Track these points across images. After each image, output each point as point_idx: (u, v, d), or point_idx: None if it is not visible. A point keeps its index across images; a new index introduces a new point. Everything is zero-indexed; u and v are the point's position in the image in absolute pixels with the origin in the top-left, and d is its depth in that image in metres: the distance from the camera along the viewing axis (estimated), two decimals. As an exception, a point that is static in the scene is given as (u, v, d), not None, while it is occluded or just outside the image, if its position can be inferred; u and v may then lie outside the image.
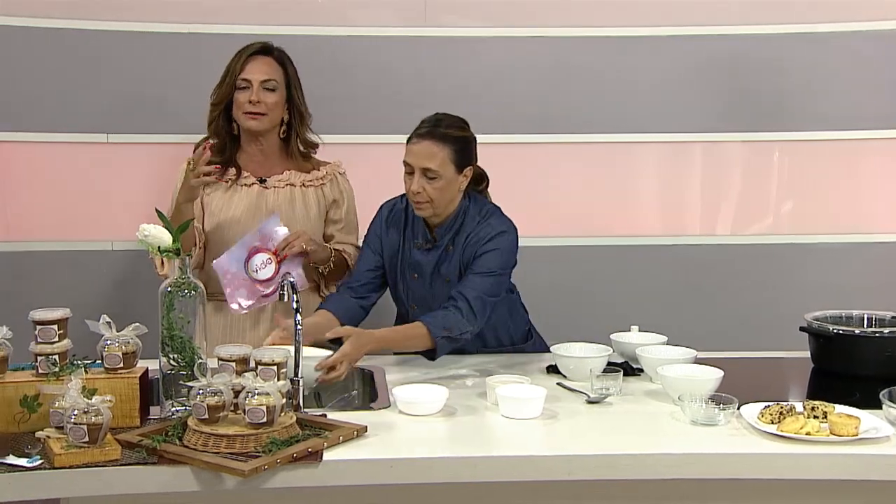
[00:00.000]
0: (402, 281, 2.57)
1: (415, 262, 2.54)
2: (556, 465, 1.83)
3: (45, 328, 1.95)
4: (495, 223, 2.49)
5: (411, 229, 2.56)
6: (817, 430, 1.89)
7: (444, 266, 2.51)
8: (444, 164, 2.40)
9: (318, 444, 1.81)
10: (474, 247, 2.46)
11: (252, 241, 2.53)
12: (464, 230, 2.50)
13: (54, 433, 1.81)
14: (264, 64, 2.60)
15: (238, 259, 2.51)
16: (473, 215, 2.51)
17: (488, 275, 2.43)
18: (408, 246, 2.55)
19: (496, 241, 2.45)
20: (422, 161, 2.40)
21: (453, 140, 2.42)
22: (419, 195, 2.41)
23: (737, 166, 3.45)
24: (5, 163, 3.16)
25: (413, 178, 2.42)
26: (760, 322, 3.37)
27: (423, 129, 2.43)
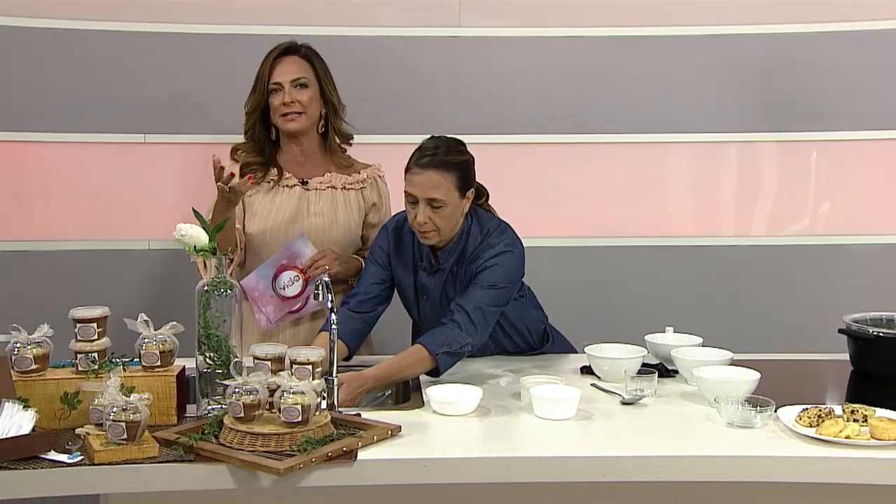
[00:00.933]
0: (416, 303, 2.55)
1: (422, 286, 2.51)
2: (590, 467, 1.82)
3: (84, 326, 1.98)
4: (496, 242, 2.41)
5: (418, 251, 2.50)
6: (857, 434, 1.87)
7: (450, 289, 2.47)
8: (449, 191, 2.33)
9: (353, 444, 1.81)
10: (475, 265, 2.40)
11: (280, 259, 2.57)
12: (467, 251, 2.44)
13: (94, 430, 1.83)
14: (291, 63, 2.61)
15: (266, 277, 2.56)
16: (475, 235, 2.45)
17: (489, 287, 2.36)
18: (416, 268, 2.51)
19: (498, 258, 2.38)
20: (426, 192, 2.32)
21: (455, 166, 2.34)
22: (426, 225, 2.35)
23: (772, 167, 3.41)
24: (45, 164, 3.21)
25: (417, 207, 2.34)
26: (797, 324, 3.33)
27: (424, 158, 2.34)
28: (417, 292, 2.52)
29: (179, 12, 3.22)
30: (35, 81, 3.17)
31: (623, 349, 2.44)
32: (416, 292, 2.52)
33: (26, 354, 1.93)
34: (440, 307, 2.47)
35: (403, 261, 2.52)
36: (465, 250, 2.44)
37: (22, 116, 3.18)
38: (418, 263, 2.50)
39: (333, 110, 2.67)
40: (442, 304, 2.48)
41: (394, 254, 2.53)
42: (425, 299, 2.51)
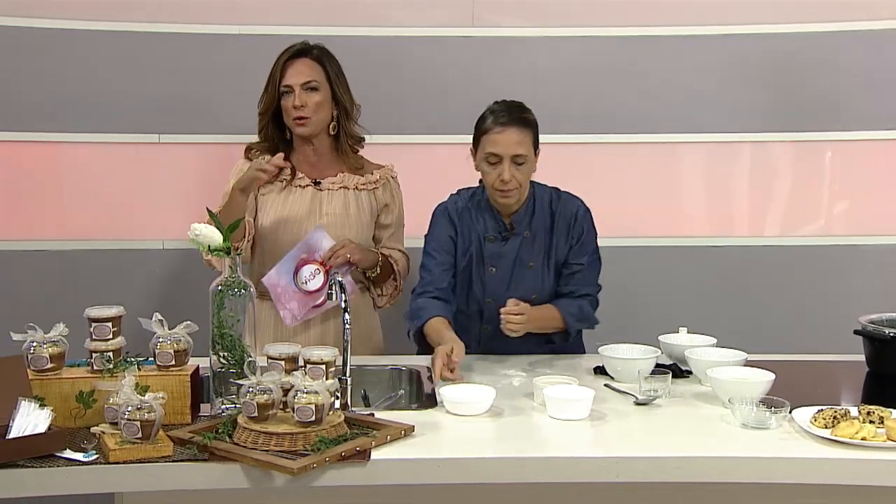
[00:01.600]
0: (477, 279, 2.57)
1: (492, 255, 2.55)
2: (604, 467, 1.82)
3: (100, 325, 1.99)
4: (569, 197, 2.60)
5: (479, 224, 2.56)
6: (873, 436, 1.85)
7: (525, 253, 2.54)
8: (529, 148, 2.46)
9: (366, 444, 1.82)
10: (568, 224, 2.55)
11: (299, 253, 2.56)
12: (539, 213, 2.55)
13: (109, 429, 1.84)
14: (303, 66, 2.61)
15: (287, 272, 2.54)
16: (541, 196, 2.57)
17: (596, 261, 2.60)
18: (474, 241, 2.55)
19: (585, 217, 2.58)
20: (511, 148, 2.42)
21: (531, 123, 2.47)
22: (510, 183, 2.43)
23: (787, 167, 3.40)
24: (60, 164, 3.23)
25: (499, 167, 2.43)
26: (812, 324, 3.32)
27: (503, 116, 2.45)
28: (484, 267, 2.55)
29: (194, 13, 3.23)
30: (50, 82, 3.19)
31: (636, 349, 2.44)
32: (483, 267, 2.55)
33: (42, 353, 1.94)
34: (510, 275, 2.54)
35: (467, 239, 2.57)
36: (536, 212, 2.55)
37: (37, 117, 3.20)
38: (483, 236, 2.55)
39: (345, 113, 2.67)
40: (514, 272, 2.55)
41: (454, 234, 2.58)
42: (493, 271, 2.55)
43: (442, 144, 3.31)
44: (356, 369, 2.35)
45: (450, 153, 3.32)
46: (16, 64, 3.18)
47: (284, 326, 2.63)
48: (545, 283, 2.58)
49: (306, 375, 1.89)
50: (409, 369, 2.48)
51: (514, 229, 2.54)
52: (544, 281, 2.58)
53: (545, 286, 2.58)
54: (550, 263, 2.58)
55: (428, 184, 3.29)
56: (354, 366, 2.28)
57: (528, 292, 2.55)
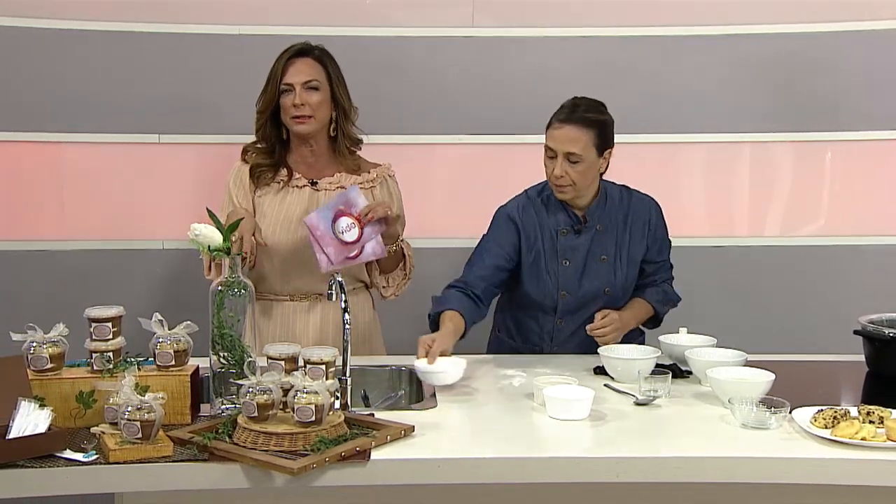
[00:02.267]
0: (549, 272, 2.59)
1: (565, 248, 2.58)
2: (604, 467, 1.82)
3: (100, 325, 1.98)
4: (640, 196, 2.68)
5: (552, 219, 2.59)
6: (873, 436, 1.85)
7: (597, 247, 2.59)
8: (587, 147, 2.47)
9: (366, 444, 1.82)
10: (644, 223, 2.63)
11: (337, 204, 2.53)
12: (611, 208, 2.60)
13: (109, 429, 1.84)
14: (304, 65, 2.61)
15: (326, 219, 2.52)
16: (613, 193, 2.62)
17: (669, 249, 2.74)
18: (546, 236, 2.59)
19: (658, 215, 2.69)
20: (564, 145, 2.46)
21: (593, 123, 2.49)
22: (562, 179, 2.48)
23: (787, 167, 3.40)
24: (60, 164, 3.23)
25: (555, 161, 2.48)
26: (812, 325, 3.32)
27: (563, 113, 2.49)
28: (557, 260, 2.58)
29: (194, 13, 3.23)
30: (50, 82, 3.19)
31: (636, 350, 2.44)
32: (557, 260, 2.58)
33: (42, 353, 1.94)
34: (583, 268, 2.59)
35: (533, 235, 2.59)
36: (607, 207, 2.60)
37: (37, 117, 3.20)
38: (556, 230, 2.58)
39: (344, 114, 2.67)
40: (587, 265, 2.59)
41: (524, 235, 2.60)
42: (567, 264, 2.58)
43: (442, 144, 3.32)
44: (356, 369, 2.36)
45: (450, 153, 3.34)
46: (16, 64, 3.18)
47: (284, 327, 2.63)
48: (617, 277, 2.62)
49: (306, 375, 1.89)
50: (409, 369, 2.48)
51: (586, 222, 2.58)
52: (616, 274, 2.62)
53: (617, 279, 2.62)
54: (623, 257, 2.62)
55: (428, 184, 3.30)
56: (354, 366, 2.28)
57: (600, 285, 2.60)
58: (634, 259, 2.65)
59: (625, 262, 2.63)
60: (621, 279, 2.63)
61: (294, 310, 2.65)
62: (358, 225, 2.51)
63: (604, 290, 2.62)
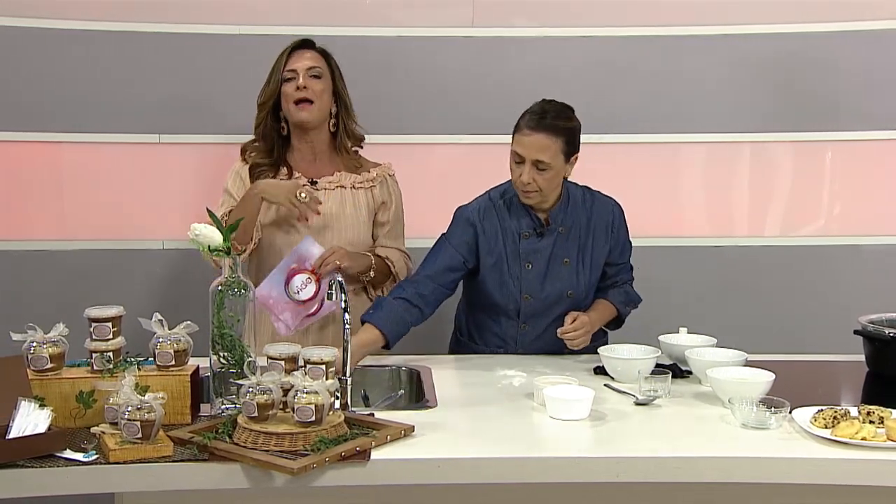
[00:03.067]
0: (512, 275, 2.57)
1: (528, 252, 2.56)
2: (604, 467, 1.82)
3: (100, 325, 1.99)
4: (602, 198, 2.66)
5: (514, 222, 2.56)
6: (873, 436, 1.86)
7: (559, 250, 2.57)
8: (555, 155, 2.45)
9: (367, 444, 1.82)
10: (606, 225, 2.62)
11: (289, 263, 2.54)
12: (574, 211, 2.58)
13: (109, 429, 1.84)
14: (307, 55, 2.64)
15: (278, 283, 2.53)
16: (575, 195, 2.61)
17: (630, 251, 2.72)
18: (508, 239, 2.56)
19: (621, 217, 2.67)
20: (533, 153, 2.43)
21: (564, 131, 2.46)
22: (529, 185, 2.46)
23: (787, 167, 3.40)
24: (60, 164, 3.23)
25: (523, 167, 2.46)
26: (812, 325, 3.31)
27: (533, 120, 2.44)
28: (520, 263, 2.56)
29: (194, 13, 3.23)
30: (50, 82, 3.19)
31: (636, 349, 2.44)
32: (519, 263, 2.56)
33: (42, 353, 1.94)
34: (546, 271, 2.57)
35: (493, 238, 2.56)
36: (570, 210, 2.58)
37: (37, 117, 3.20)
38: (518, 233, 2.56)
39: (345, 109, 2.68)
40: (549, 268, 2.58)
41: (483, 237, 2.56)
42: (529, 268, 2.56)
43: (441, 144, 3.31)
44: (356, 369, 2.36)
45: (450, 153, 3.34)
46: (16, 64, 3.18)
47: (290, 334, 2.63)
48: (580, 280, 2.61)
49: (306, 375, 1.89)
50: (409, 369, 2.48)
51: (549, 225, 2.57)
52: (579, 276, 2.61)
53: (580, 282, 2.61)
54: (585, 260, 2.61)
55: (428, 184, 3.30)
56: (354, 366, 2.28)
57: (563, 288, 2.59)
58: (598, 262, 2.63)
59: (587, 264, 2.61)
60: (584, 282, 2.61)
61: (293, 309, 2.65)
62: (314, 279, 2.51)
63: (566, 294, 2.59)
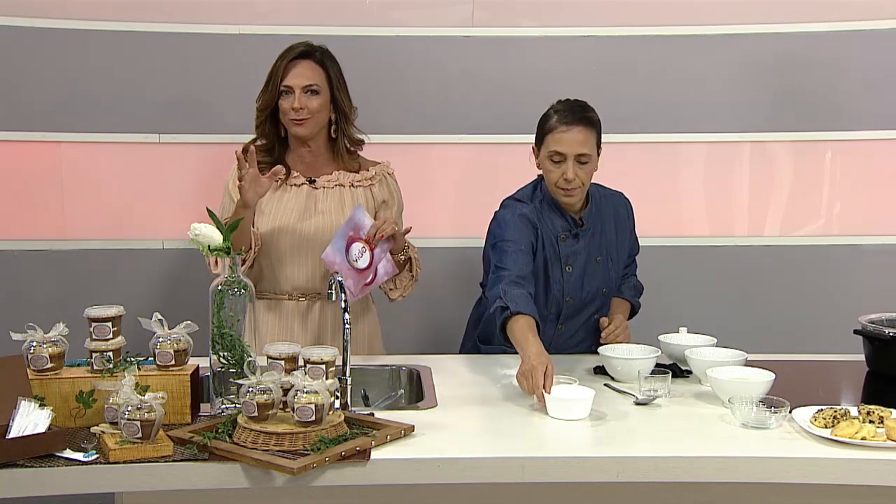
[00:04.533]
0: (554, 279, 2.56)
1: (567, 255, 2.56)
2: (604, 467, 1.82)
3: (99, 325, 1.99)
4: (611, 192, 2.68)
5: (549, 226, 2.54)
6: (873, 436, 1.85)
7: (593, 249, 2.59)
8: (593, 147, 2.47)
9: (367, 443, 1.82)
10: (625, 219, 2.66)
11: (347, 230, 2.54)
12: (598, 208, 2.62)
13: (109, 429, 1.84)
14: (305, 69, 2.60)
15: (340, 249, 2.53)
16: (593, 192, 2.62)
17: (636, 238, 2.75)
18: (548, 243, 2.54)
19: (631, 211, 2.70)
20: (576, 148, 2.44)
21: (595, 123, 2.49)
22: (574, 182, 2.45)
23: (787, 166, 3.40)
24: (60, 163, 3.23)
25: (563, 166, 2.45)
26: (812, 324, 3.32)
27: (568, 116, 2.46)
28: (561, 266, 2.56)
29: (194, 12, 3.23)
30: (50, 82, 3.19)
31: (636, 349, 2.44)
32: (560, 266, 2.56)
33: (42, 353, 1.94)
34: (584, 272, 2.57)
35: (544, 241, 2.55)
36: (595, 208, 2.60)
37: (37, 117, 3.20)
38: (555, 236, 2.55)
39: (344, 117, 2.67)
40: (587, 268, 2.58)
41: (537, 240, 2.53)
42: (570, 270, 2.56)
43: (441, 144, 3.32)
44: (356, 369, 2.36)
45: (449, 153, 3.34)
46: (16, 64, 3.18)
47: (284, 327, 2.63)
48: (612, 276, 2.64)
49: (306, 375, 1.89)
50: (409, 369, 2.48)
51: (584, 226, 2.57)
52: (611, 273, 2.64)
53: (612, 278, 2.64)
54: (613, 255, 2.63)
55: (428, 184, 3.30)
56: (354, 365, 2.28)
57: (599, 287, 2.61)
58: (623, 255, 2.67)
59: (615, 260, 2.64)
60: (615, 277, 2.65)
61: (292, 309, 2.65)
62: (368, 249, 2.53)
63: (602, 292, 2.63)
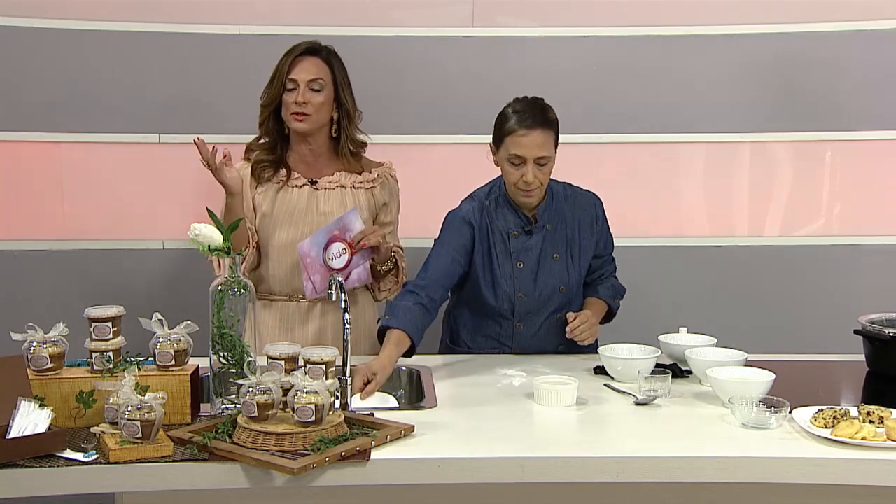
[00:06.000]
0: (504, 275, 2.58)
1: (518, 250, 2.58)
2: (604, 467, 1.82)
3: (100, 325, 1.99)
4: (583, 192, 2.68)
5: (501, 221, 2.58)
6: (873, 436, 1.85)
7: (549, 246, 2.59)
8: (551, 148, 2.49)
9: (367, 443, 1.82)
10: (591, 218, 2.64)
11: (332, 228, 2.56)
12: (558, 206, 2.60)
13: (109, 429, 1.84)
14: (311, 64, 2.61)
15: (318, 244, 2.55)
16: (557, 191, 2.62)
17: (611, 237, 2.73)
18: (498, 240, 2.57)
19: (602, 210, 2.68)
20: (536, 151, 2.45)
21: (553, 123, 2.50)
22: (533, 183, 2.47)
23: (787, 166, 3.40)
24: (60, 163, 3.23)
25: (523, 168, 2.46)
26: (812, 324, 3.32)
27: (527, 119, 2.46)
28: (511, 262, 2.58)
29: (194, 12, 3.23)
30: (50, 82, 3.19)
31: (636, 349, 2.44)
32: (511, 262, 2.58)
33: (42, 353, 1.94)
34: (537, 268, 2.58)
35: (485, 238, 2.58)
36: (555, 206, 2.60)
37: (37, 117, 3.20)
38: (507, 233, 2.58)
39: (347, 117, 2.66)
40: (541, 265, 2.59)
41: (478, 238, 2.57)
42: (521, 267, 2.57)
43: (442, 144, 3.32)
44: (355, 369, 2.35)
45: (449, 153, 3.34)
46: (16, 64, 3.18)
47: (284, 327, 2.63)
48: (571, 274, 2.63)
49: (306, 375, 1.89)
50: (409, 369, 2.48)
51: (537, 222, 2.58)
52: (569, 271, 2.63)
53: (571, 277, 2.63)
54: (574, 254, 2.63)
55: (427, 184, 3.30)
56: (354, 366, 2.27)
57: (555, 284, 2.61)
58: (586, 255, 2.66)
59: (577, 258, 2.64)
60: (575, 276, 2.64)
61: (293, 310, 2.65)
62: (349, 251, 2.54)
63: (559, 289, 2.62)
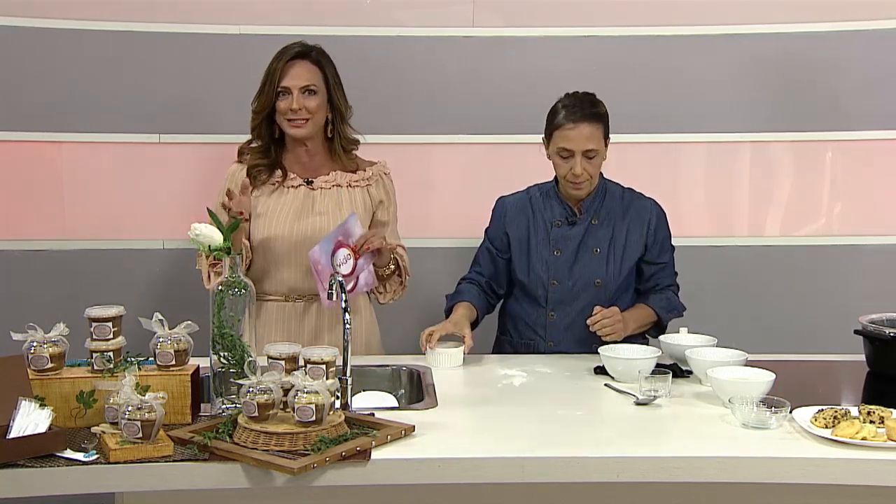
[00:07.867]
0: (540, 260, 2.64)
1: (557, 239, 2.63)
2: (604, 467, 1.82)
3: (100, 325, 1.98)
4: (643, 197, 2.71)
5: (547, 212, 2.65)
6: (874, 436, 1.85)
7: (590, 238, 2.62)
8: (600, 141, 2.54)
9: (367, 443, 1.81)
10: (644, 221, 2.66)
11: (336, 234, 2.55)
12: (609, 203, 2.66)
13: (109, 429, 1.84)
14: (302, 69, 2.59)
15: (327, 252, 2.54)
16: (614, 191, 2.68)
17: (672, 256, 2.74)
18: (540, 228, 2.65)
19: (661, 217, 2.70)
20: (583, 144, 2.50)
21: (602, 116, 2.55)
22: (582, 176, 2.52)
23: (787, 166, 3.40)
24: (60, 163, 3.23)
25: (571, 161, 2.52)
26: (812, 324, 3.32)
27: (575, 112, 2.51)
28: (549, 249, 2.63)
29: (194, 12, 3.23)
30: (50, 82, 3.19)
31: (637, 349, 2.44)
32: (549, 249, 2.63)
33: (42, 353, 1.94)
34: (575, 257, 2.62)
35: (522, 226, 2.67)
36: (604, 203, 2.65)
37: (37, 116, 3.20)
38: (550, 222, 2.64)
39: (340, 117, 2.66)
40: (578, 256, 2.63)
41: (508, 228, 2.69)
42: (558, 255, 2.62)
43: (441, 144, 3.32)
44: (356, 369, 2.35)
45: (449, 153, 3.34)
46: (16, 64, 3.18)
47: (283, 327, 2.63)
48: (609, 269, 2.64)
49: (306, 375, 1.89)
50: (409, 369, 2.48)
51: (580, 215, 2.63)
52: (609, 267, 2.64)
53: (609, 272, 2.64)
54: (617, 251, 2.65)
55: (428, 184, 3.30)
56: (354, 366, 2.28)
57: (591, 277, 2.63)
58: (630, 255, 2.65)
59: (618, 255, 2.64)
60: (613, 272, 2.64)
61: (289, 310, 2.65)
62: (353, 257, 2.54)
63: (594, 282, 2.62)
